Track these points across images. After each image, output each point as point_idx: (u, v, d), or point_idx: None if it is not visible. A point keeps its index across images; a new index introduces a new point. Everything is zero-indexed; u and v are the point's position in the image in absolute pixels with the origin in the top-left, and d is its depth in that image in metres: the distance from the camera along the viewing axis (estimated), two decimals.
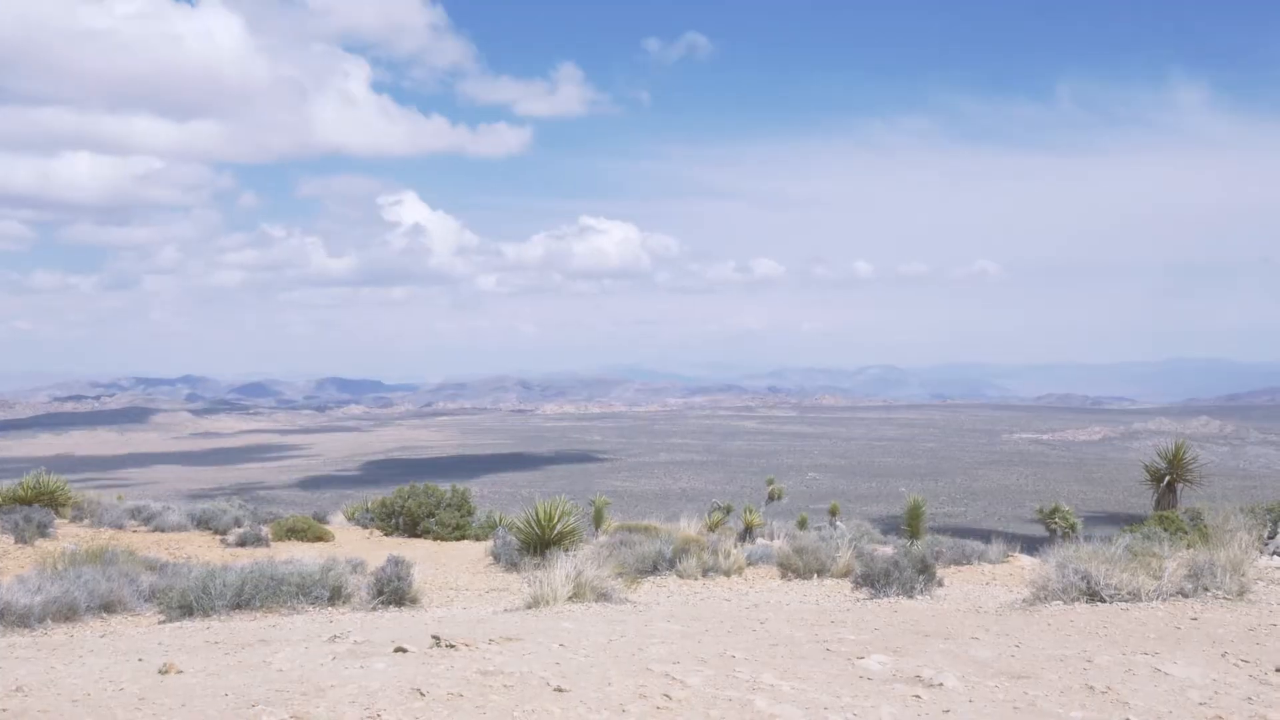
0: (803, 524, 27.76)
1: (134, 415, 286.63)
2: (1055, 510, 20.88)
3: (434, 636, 6.25)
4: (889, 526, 28.31)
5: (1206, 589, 9.26)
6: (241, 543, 17.86)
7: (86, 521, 19.50)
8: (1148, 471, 20.24)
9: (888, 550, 15.20)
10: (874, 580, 11.29)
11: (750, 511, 26.20)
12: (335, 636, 6.74)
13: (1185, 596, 9.27)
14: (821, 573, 14.04)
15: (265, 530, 19.32)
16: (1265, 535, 15.19)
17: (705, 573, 14.06)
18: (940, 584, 11.81)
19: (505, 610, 9.42)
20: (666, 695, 5.02)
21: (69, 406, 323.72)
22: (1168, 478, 19.86)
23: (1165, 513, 18.33)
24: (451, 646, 6.02)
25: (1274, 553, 14.82)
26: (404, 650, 5.94)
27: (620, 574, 11.04)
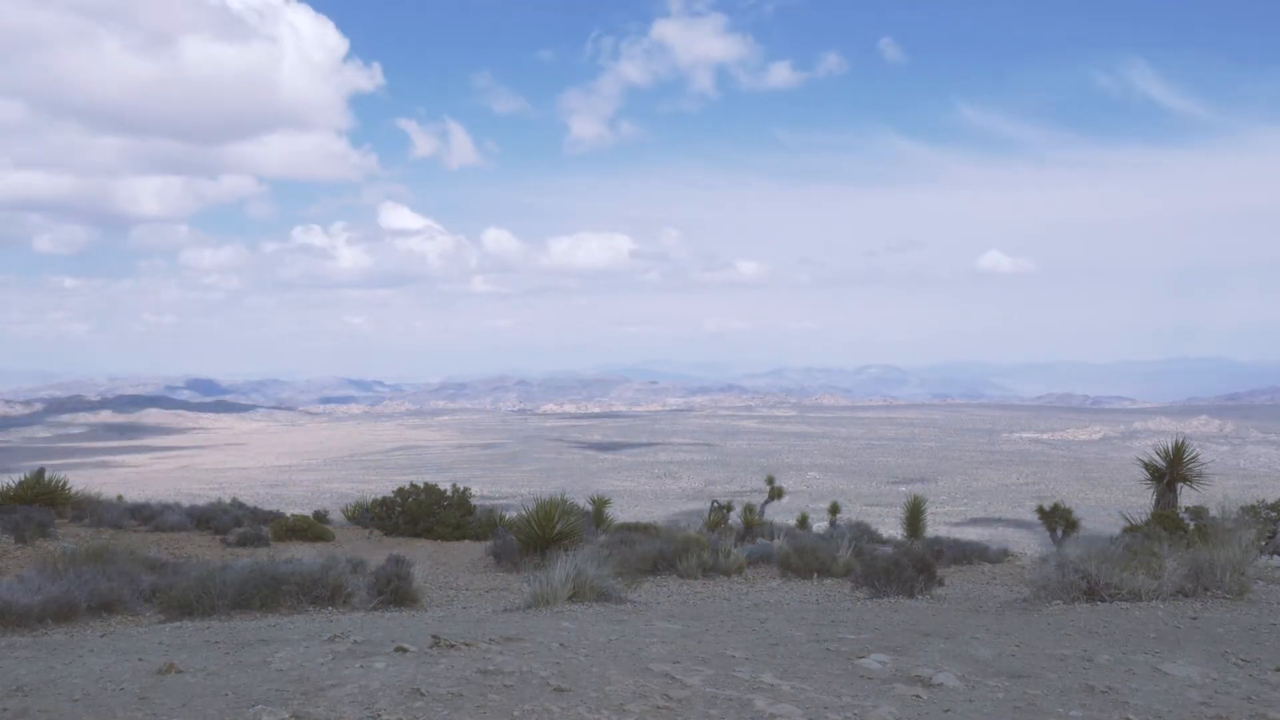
0: (803, 523, 27.77)
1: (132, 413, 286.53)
2: (1055, 510, 20.87)
3: (434, 636, 6.25)
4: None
5: (1206, 589, 9.26)
6: (241, 542, 17.87)
7: (86, 521, 19.50)
8: (1148, 471, 20.22)
9: (888, 550, 15.20)
10: (874, 580, 11.29)
11: (750, 511, 26.21)
12: (335, 636, 6.74)
13: (1185, 596, 9.27)
14: (822, 572, 14.03)
15: (265, 529, 19.32)
16: (1265, 535, 15.18)
17: (705, 572, 14.06)
18: (940, 583, 11.81)
19: (505, 610, 9.42)
20: (666, 695, 5.02)
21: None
22: (1168, 477, 19.84)
23: (1165, 512, 18.31)
24: (451, 646, 6.02)
25: (1274, 552, 14.82)
26: (404, 650, 5.93)
27: (620, 574, 11.04)
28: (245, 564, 10.28)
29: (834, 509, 30.56)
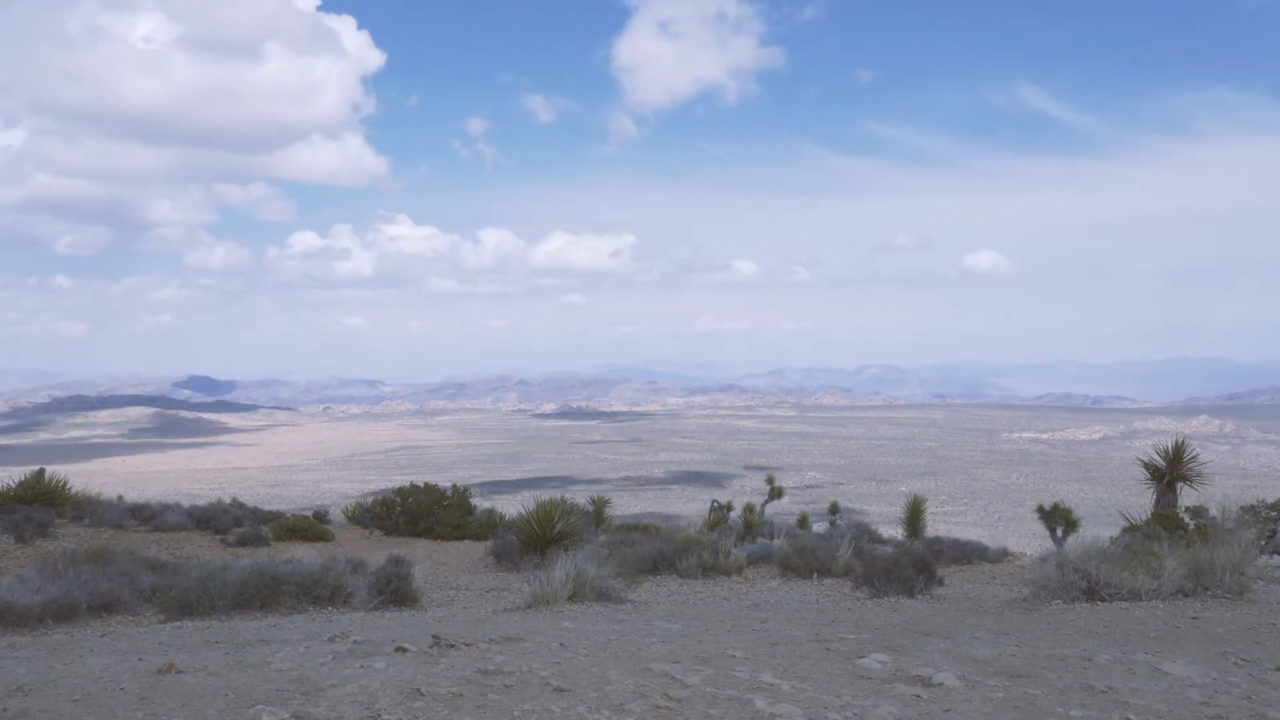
0: (803, 523, 27.76)
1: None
2: (1055, 509, 20.86)
3: (434, 636, 6.25)
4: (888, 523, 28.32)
5: (1206, 588, 9.26)
6: (242, 542, 17.86)
7: (87, 521, 19.49)
8: (1147, 470, 20.22)
9: (888, 550, 15.20)
10: (874, 579, 11.29)
11: (750, 511, 26.21)
12: (335, 636, 6.74)
13: (1185, 596, 9.27)
14: (822, 572, 14.03)
15: (265, 530, 19.32)
16: (1265, 534, 15.18)
17: (705, 572, 14.05)
18: (940, 583, 11.81)
19: (505, 610, 9.42)
20: (666, 694, 5.02)
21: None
22: (1168, 477, 19.84)
23: (1165, 512, 18.30)
24: (451, 646, 6.02)
25: (1274, 552, 14.81)
26: (404, 650, 5.93)
27: (620, 573, 11.03)
28: (245, 564, 10.27)
29: (834, 509, 30.55)
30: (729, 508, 27.87)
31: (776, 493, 28.99)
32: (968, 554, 17.06)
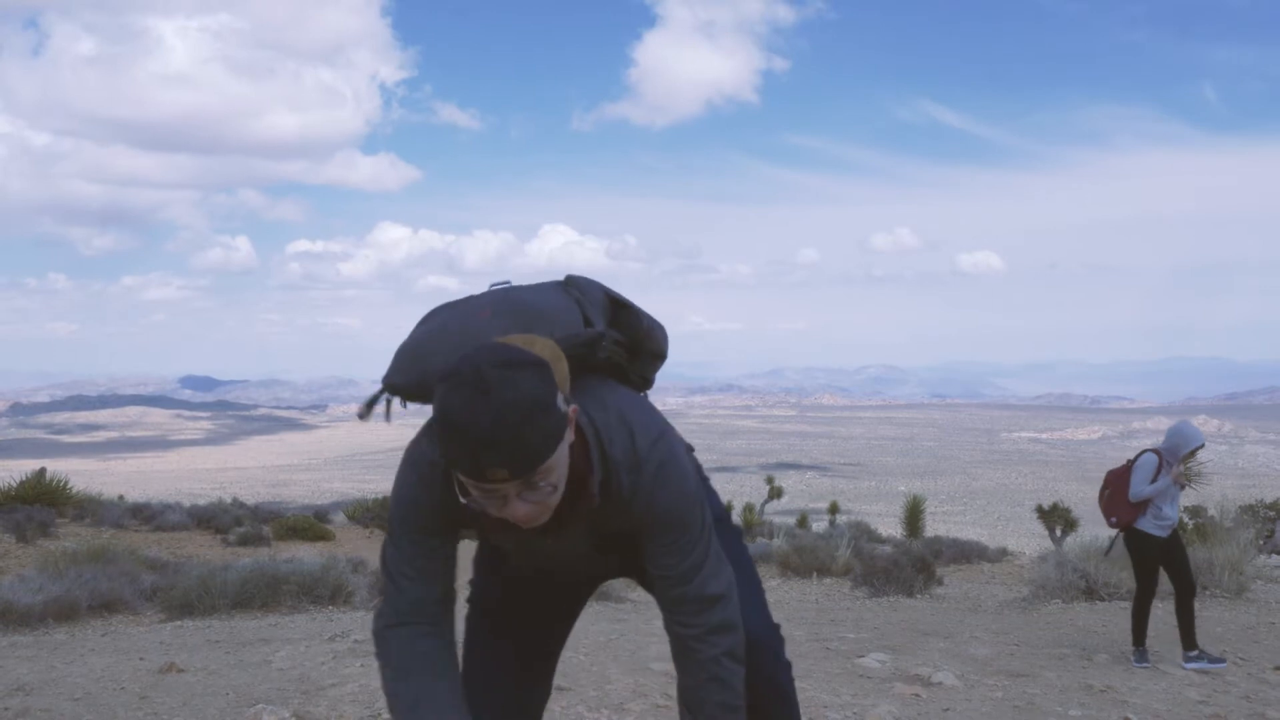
0: (802, 523, 27.77)
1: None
2: (1054, 509, 20.87)
3: None
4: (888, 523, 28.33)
5: (1205, 588, 9.28)
6: (242, 542, 17.86)
7: (87, 520, 19.49)
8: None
9: (887, 549, 15.21)
10: (873, 579, 11.31)
11: (750, 510, 26.22)
12: (336, 635, 6.75)
13: None
14: (821, 571, 14.04)
15: (266, 529, 19.32)
16: (1263, 534, 15.20)
17: None
18: (940, 583, 11.82)
19: None
20: (666, 694, 5.03)
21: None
22: None
23: None
24: None
25: (1272, 551, 14.84)
26: None
27: None
28: (246, 564, 10.27)
29: (833, 508, 30.56)
30: (729, 507, 27.86)
31: (776, 492, 28.99)
32: (967, 554, 17.06)
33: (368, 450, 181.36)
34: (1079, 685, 5.59)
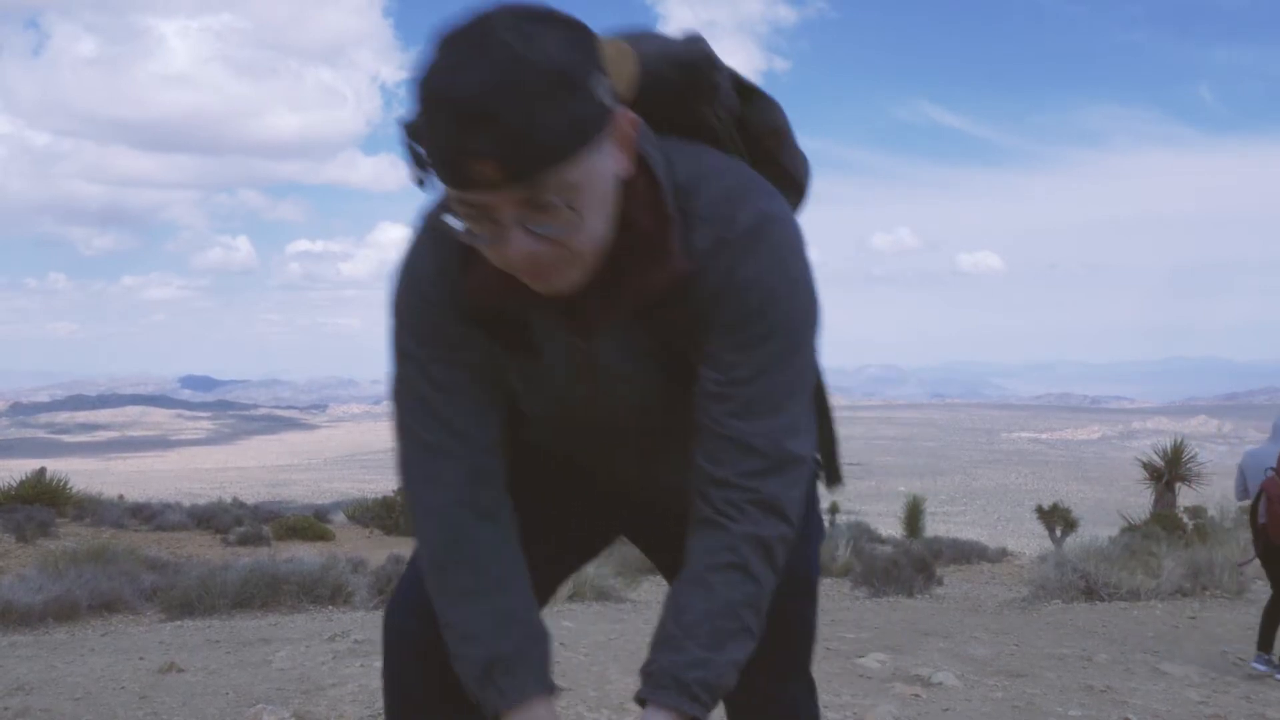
0: None
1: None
2: (1054, 509, 20.90)
3: None
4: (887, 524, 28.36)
5: (1205, 588, 9.29)
6: (242, 542, 17.87)
7: (87, 520, 19.50)
8: (1146, 470, 20.24)
9: (887, 549, 15.22)
10: (873, 579, 11.32)
11: None
12: (336, 635, 6.75)
13: (1184, 596, 9.31)
14: (821, 571, 14.06)
15: (266, 529, 19.33)
16: None
17: None
18: (940, 583, 11.83)
19: None
20: None
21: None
22: (1166, 477, 19.87)
23: (1164, 512, 18.33)
24: None
25: None
26: None
27: (620, 572, 11.06)
28: (246, 563, 10.28)
29: (833, 508, 30.58)
30: None
31: None
32: (966, 554, 17.09)
33: (368, 450, 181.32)
34: (1079, 685, 5.59)
